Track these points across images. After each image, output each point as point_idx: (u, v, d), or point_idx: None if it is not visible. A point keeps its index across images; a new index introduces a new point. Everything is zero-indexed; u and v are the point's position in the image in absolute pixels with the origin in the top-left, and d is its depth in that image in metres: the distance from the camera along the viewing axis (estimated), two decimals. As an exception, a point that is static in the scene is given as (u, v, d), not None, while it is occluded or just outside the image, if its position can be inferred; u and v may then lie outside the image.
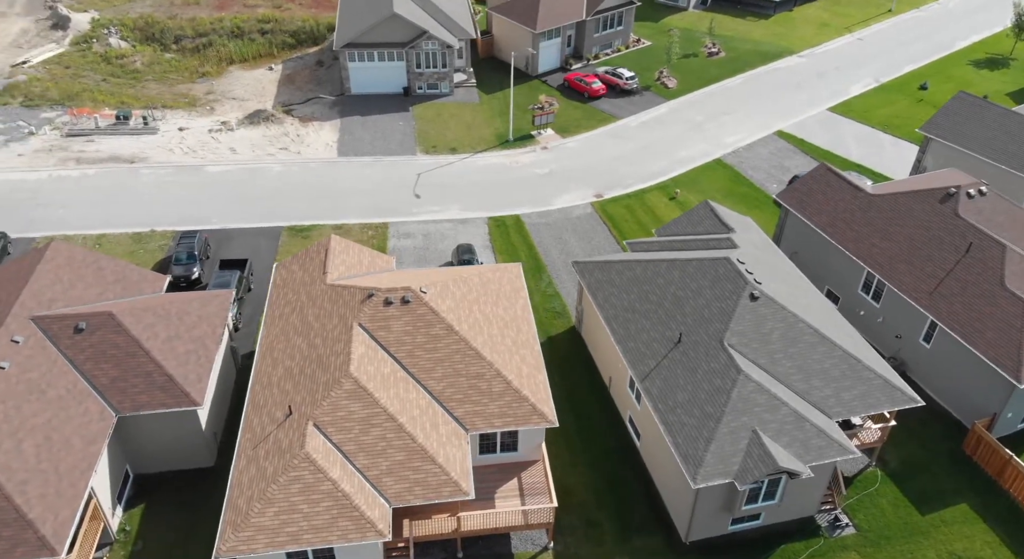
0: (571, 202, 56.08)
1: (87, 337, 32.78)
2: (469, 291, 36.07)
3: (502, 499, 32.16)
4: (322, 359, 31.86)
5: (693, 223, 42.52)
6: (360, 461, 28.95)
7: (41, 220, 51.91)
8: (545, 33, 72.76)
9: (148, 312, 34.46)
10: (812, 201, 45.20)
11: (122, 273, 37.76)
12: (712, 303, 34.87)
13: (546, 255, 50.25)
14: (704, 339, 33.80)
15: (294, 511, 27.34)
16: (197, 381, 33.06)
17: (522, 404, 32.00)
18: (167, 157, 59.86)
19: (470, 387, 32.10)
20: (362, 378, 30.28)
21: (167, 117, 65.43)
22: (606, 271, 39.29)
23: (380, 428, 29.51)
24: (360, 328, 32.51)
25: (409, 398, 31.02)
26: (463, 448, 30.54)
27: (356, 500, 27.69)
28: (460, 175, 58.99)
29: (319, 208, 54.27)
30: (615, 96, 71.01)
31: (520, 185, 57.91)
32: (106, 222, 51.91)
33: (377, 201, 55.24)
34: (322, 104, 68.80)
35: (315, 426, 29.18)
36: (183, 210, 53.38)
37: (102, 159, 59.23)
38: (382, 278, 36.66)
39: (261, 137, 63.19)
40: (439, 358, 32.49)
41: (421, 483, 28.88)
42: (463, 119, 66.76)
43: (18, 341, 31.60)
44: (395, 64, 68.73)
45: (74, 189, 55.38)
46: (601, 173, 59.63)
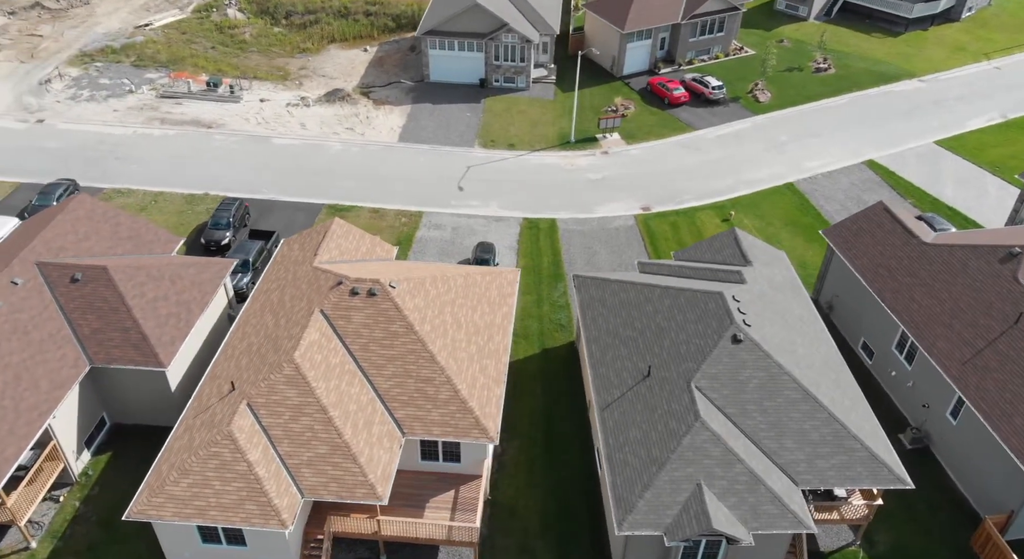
0: (614, 212, 53.68)
1: (81, 287, 34.80)
2: (447, 292, 35.19)
3: (433, 509, 31.23)
4: (278, 340, 32.12)
5: (713, 250, 39.41)
6: (283, 448, 28.94)
7: (114, 172, 55.83)
8: (634, 34, 70.02)
9: (142, 271, 36.11)
10: (860, 242, 40.67)
11: (137, 231, 39.83)
12: (692, 339, 32.11)
13: (569, 264, 48.38)
14: (673, 377, 31.19)
15: (206, 486, 27.75)
16: (170, 343, 34.31)
17: (465, 416, 30.84)
18: (241, 126, 62.72)
19: (416, 390, 31.31)
20: (304, 365, 30.24)
21: (253, 87, 68.56)
22: (601, 289, 37.17)
23: (310, 418, 29.36)
24: (321, 314, 32.48)
25: (350, 392, 30.67)
26: (392, 451, 29.85)
27: (267, 485, 27.73)
28: (510, 172, 57.94)
29: (364, 190, 55.01)
30: (698, 105, 67.29)
31: (567, 188, 56.11)
32: (168, 181, 55.07)
33: (421, 189, 55.29)
34: (401, 89, 69.70)
35: (248, 406, 29.44)
36: (239, 177, 55.73)
37: (184, 122, 62.93)
38: (368, 267, 36.49)
39: (332, 115, 64.88)
40: (392, 356, 31.89)
41: (338, 480, 28.47)
42: (531, 116, 65.53)
43: (17, 283, 34.03)
44: (474, 55, 68.45)
45: (151, 147, 59.15)
46: (656, 185, 56.71)
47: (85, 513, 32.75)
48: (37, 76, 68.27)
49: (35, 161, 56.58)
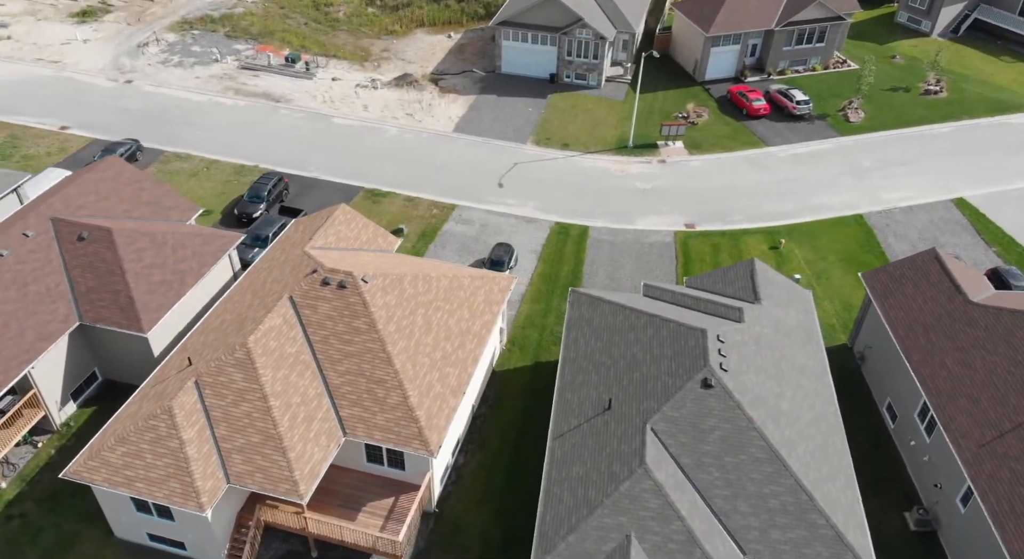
0: (654, 225, 50.68)
1: (85, 246, 36.30)
2: (426, 292, 34.11)
3: (368, 514, 30.41)
4: (244, 321, 32.16)
5: (726, 281, 36.19)
6: (220, 431, 28.93)
7: (179, 136, 58.26)
8: (720, 38, 65.84)
9: (146, 237, 37.23)
10: (900, 291, 36.15)
11: (159, 197, 41.17)
12: (662, 376, 29.49)
13: (590, 276, 46.07)
14: (632, 414, 28.75)
15: (139, 457, 28.16)
16: (155, 310, 35.20)
17: (409, 424, 29.76)
18: (307, 102, 63.93)
19: (367, 391, 30.50)
20: (256, 350, 30.08)
21: (328, 66, 69.76)
22: (592, 309, 34.89)
23: (250, 404, 29.18)
24: (289, 301, 32.23)
25: (299, 384, 30.27)
26: (327, 450, 29.20)
27: (194, 466, 27.81)
28: (556, 172, 55.94)
29: (406, 177, 54.68)
30: (779, 119, 62.51)
31: (610, 195, 53.51)
32: (225, 150, 56.83)
33: (461, 182, 54.34)
34: (471, 78, 68.90)
35: (196, 384, 29.63)
36: (291, 153, 56.75)
37: (255, 94, 64.88)
38: (356, 257, 35.97)
39: (396, 100, 64.98)
40: (349, 352, 31.22)
41: (264, 471, 28.16)
42: (595, 115, 63.04)
43: (29, 235, 35.89)
44: (547, 48, 66.55)
45: (220, 116, 61.30)
46: (708, 200, 53.09)
47: (57, 462, 34.25)
48: (137, 39, 72.43)
49: (115, 119, 59.94)
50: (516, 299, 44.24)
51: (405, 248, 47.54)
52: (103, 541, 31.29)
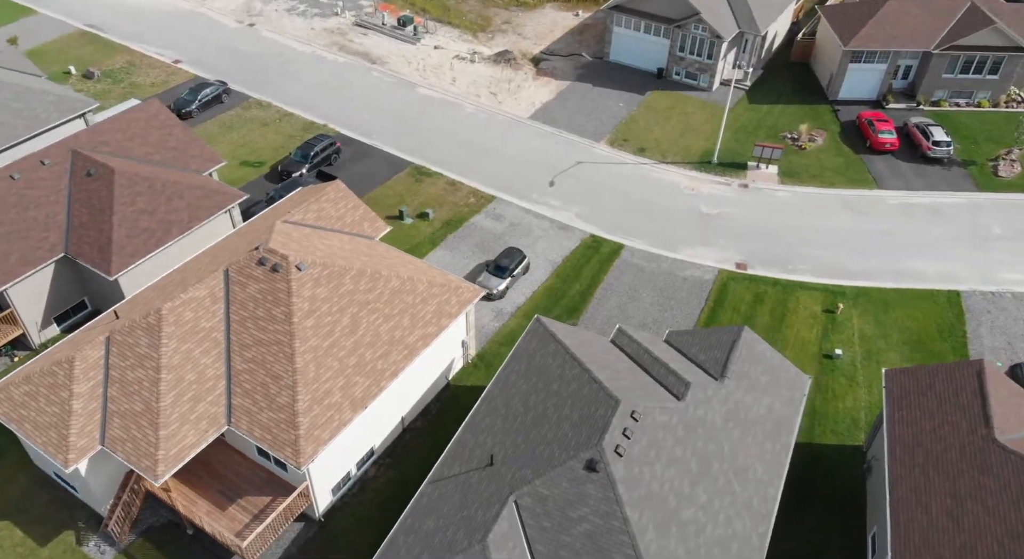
0: (699, 258, 44.85)
1: (91, 182, 37.84)
2: (368, 291, 32.09)
3: (239, 508, 29.50)
4: (183, 284, 31.97)
5: (704, 346, 30.89)
6: (111, 392, 28.98)
7: (270, 85, 59.72)
8: (862, 53, 56.63)
9: (146, 182, 38.14)
10: (919, 403, 28.94)
11: (185, 144, 42.12)
12: (555, 443, 25.59)
13: (597, 302, 41.63)
14: (506, 478, 25.25)
15: (34, 399, 28.93)
16: (129, 255, 36.09)
17: (288, 430, 28.20)
18: (401, 68, 63.14)
19: (262, 384, 29.27)
20: (168, 319, 29.72)
21: (438, 33, 68.42)
22: (543, 344, 31.10)
23: (144, 372, 28.96)
24: (223, 274, 31.57)
25: (200, 361, 29.61)
26: (203, 435, 28.35)
27: (73, 421, 28.15)
28: (618, 179, 51.12)
29: (458, 159, 52.39)
30: (910, 158, 53.01)
31: (666, 214, 48.06)
32: (304, 105, 57.34)
33: (512, 173, 51.21)
34: (575, 63, 64.70)
35: (106, 339, 29.91)
36: (362, 117, 56.28)
37: (356, 52, 65.09)
38: (320, 239, 34.56)
39: (488, 77, 62.48)
40: (260, 340, 30.06)
41: (135, 442, 27.92)
42: (690, 121, 56.86)
43: (45, 163, 38.02)
44: (659, 40, 60.77)
45: (315, 70, 62.05)
46: (776, 240, 46.16)
47: (24, 379, 36.68)
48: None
49: (223, 60, 62.63)
50: (509, 310, 41.06)
51: (424, 234, 45.72)
52: (24, 464, 33.04)
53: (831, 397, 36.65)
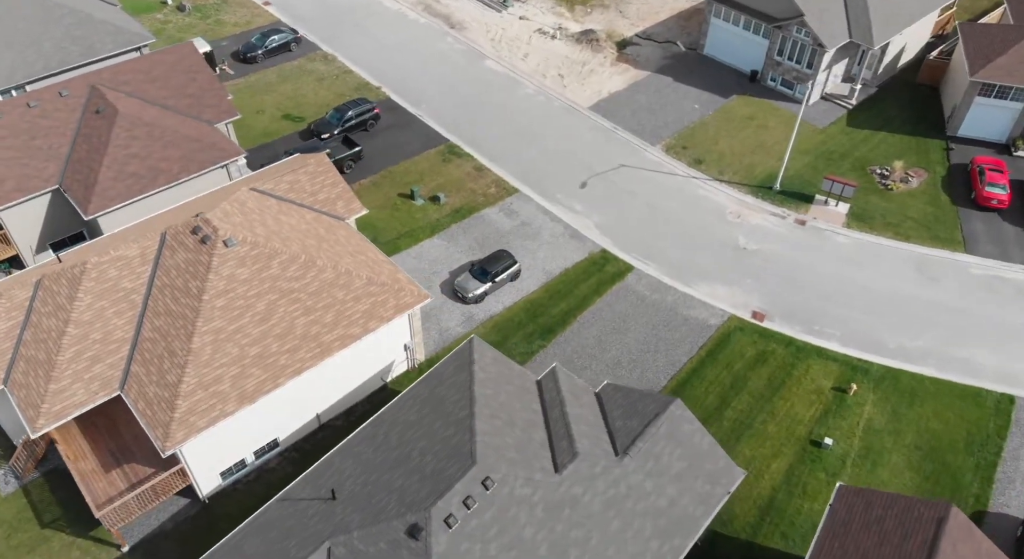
0: (712, 297, 39.63)
1: (97, 119, 38.42)
2: (295, 280, 30.47)
3: (121, 473, 29.35)
4: (124, 240, 31.83)
5: (627, 411, 26.85)
6: (25, 335, 29.10)
7: (341, 39, 58.76)
8: (993, 87, 47.30)
9: (146, 128, 38.14)
10: (862, 534, 23.57)
11: (204, 92, 41.85)
12: (394, 494, 23.10)
13: (580, 327, 37.76)
14: (335, 519, 23.10)
15: None
16: (110, 198, 36.41)
17: (165, 410, 27.44)
18: (476, 36, 60.19)
19: (158, 357, 28.62)
20: (91, 274, 29.57)
21: (530, 2, 64.62)
22: (458, 371, 28.20)
23: (55, 322, 29.02)
24: (160, 236, 31.04)
25: (111, 321, 29.31)
26: (92, 396, 28.13)
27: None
28: (659, 191, 46.09)
29: (497, 144, 49.21)
30: (1020, 221, 44.10)
31: (696, 241, 42.82)
32: (366, 64, 55.88)
33: (545, 167, 47.51)
34: (665, 51, 58.97)
35: (37, 282, 30.25)
36: (416, 84, 54.05)
37: (438, 14, 62.64)
38: (283, 215, 33.23)
39: (562, 57, 58.18)
40: (170, 310, 29.36)
41: (27, 389, 28.16)
42: (766, 137, 50.25)
43: (63, 94, 39.03)
44: (758, 39, 53.86)
45: (391, 28, 60.24)
46: (810, 293, 39.96)
47: (9, 297, 38.60)
48: (388, -67, 73.78)
49: (308, 7, 62.24)
50: (480, 318, 38.24)
51: (428, 218, 43.46)
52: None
53: (799, 493, 31.30)
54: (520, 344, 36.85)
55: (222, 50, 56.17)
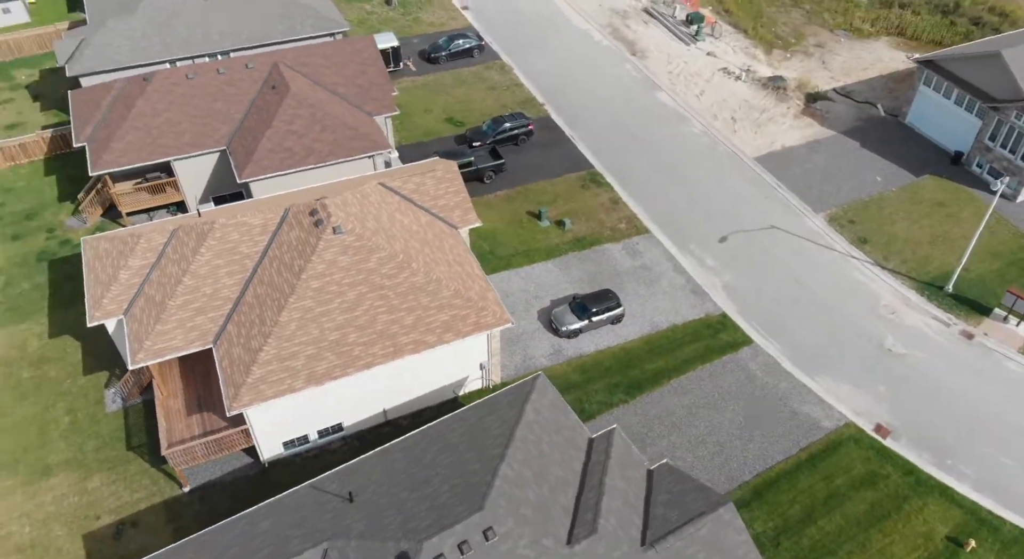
0: (833, 396, 35.84)
1: (272, 93, 41.57)
2: (387, 278, 31.25)
3: (199, 420, 31.71)
4: (254, 209, 34.31)
5: (675, 501, 24.67)
6: (152, 275, 32.21)
7: (522, 52, 59.35)
8: None
9: (310, 109, 40.81)
10: None
11: (372, 85, 44.17)
12: (400, 516, 22.79)
13: (669, 393, 35.46)
14: (341, 520, 23.24)
15: (108, 256, 33.20)
16: (262, 168, 39.27)
17: (241, 373, 29.23)
18: (655, 66, 58.69)
19: (251, 322, 30.51)
20: (215, 233, 32.07)
21: (722, 38, 61.98)
22: (511, 406, 27.38)
23: (177, 269, 31.81)
24: (285, 212, 33.02)
25: (222, 280, 31.59)
26: (188, 345, 30.53)
27: (113, 288, 31.96)
28: (805, 264, 42.43)
29: (642, 179, 47.90)
30: None
31: (835, 329, 39.00)
32: (537, 79, 56.48)
33: (686, 211, 45.53)
34: (859, 111, 54.33)
35: (174, 231, 33.31)
36: (580, 106, 53.84)
37: (623, 39, 61.80)
38: (399, 214, 34.22)
39: (741, 101, 55.22)
40: (272, 282, 31.19)
41: (139, 323, 31.04)
42: (952, 228, 44.79)
43: (249, 67, 42.80)
44: (969, 118, 47.97)
45: (573, 48, 60.25)
46: (955, 421, 35.07)
47: (168, 238, 42.93)
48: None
49: (502, 15, 63.75)
50: (568, 354, 37.07)
51: (548, 241, 42.97)
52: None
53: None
54: (600, 392, 35.37)
55: (412, 47, 59.20)
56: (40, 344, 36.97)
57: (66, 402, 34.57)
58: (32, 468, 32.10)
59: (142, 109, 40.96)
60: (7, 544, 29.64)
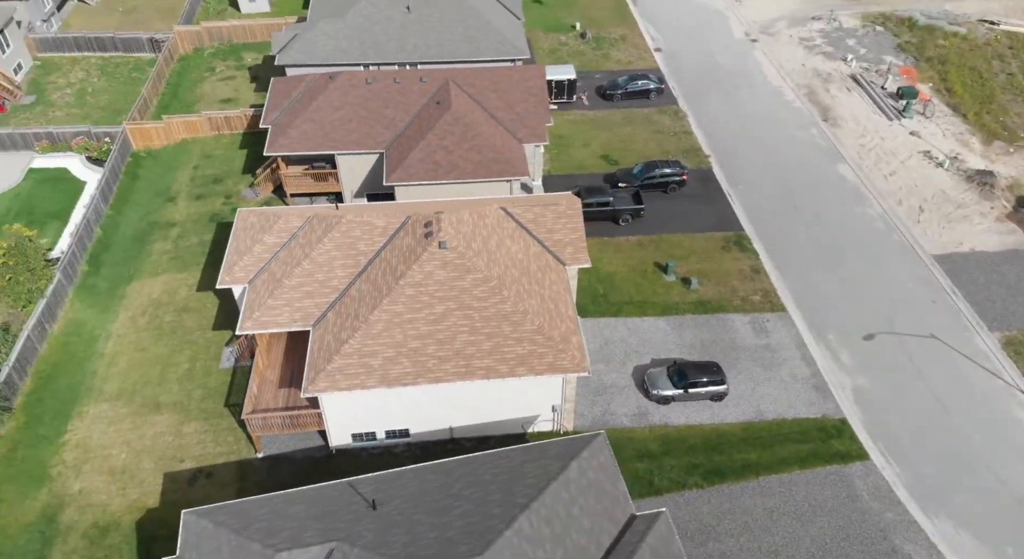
0: (947, 541, 31.40)
1: (435, 108, 43.94)
2: (477, 299, 31.85)
3: (285, 394, 34.07)
4: (382, 211, 36.33)
5: None
6: (281, 254, 35.29)
7: (700, 98, 57.82)
8: None
9: (464, 127, 42.64)
10: None
11: (530, 114, 45.22)
12: (408, 535, 22.99)
13: (751, 491, 32.66)
14: (356, 524, 23.78)
15: (251, 229, 36.94)
16: (407, 174, 41.57)
17: (324, 359, 31.04)
18: (845, 137, 54.49)
19: (347, 315, 32.38)
20: (341, 227, 34.55)
21: (934, 118, 56.19)
22: (560, 458, 26.63)
23: (301, 252, 34.54)
24: (405, 219, 34.61)
25: (335, 271, 33.88)
26: (290, 323, 33.04)
27: (246, 257, 35.53)
28: (956, 385, 37.52)
29: (795, 251, 44.84)
30: None
31: (972, 466, 34.19)
32: (709, 130, 54.70)
33: (834, 298, 42.07)
34: (1076, 224, 46.79)
35: (309, 218, 36.10)
36: (749, 165, 51.53)
37: (817, 103, 58.10)
38: (510, 241, 34.65)
39: (936, 190, 49.75)
40: (376, 281, 32.91)
41: (257, 295, 34.06)
42: None
43: (422, 80, 45.45)
44: None
45: (755, 100, 57.71)
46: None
47: (318, 223, 46.63)
48: (814, 10, 70.08)
49: (693, 61, 62.42)
50: (652, 421, 35.31)
51: (667, 298, 41.42)
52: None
53: None
54: (676, 470, 33.34)
55: (592, 82, 59.70)
56: (187, 294, 41.70)
57: (191, 351, 38.70)
58: (145, 402, 36.26)
59: (321, 104, 45.05)
60: (104, 464, 33.69)
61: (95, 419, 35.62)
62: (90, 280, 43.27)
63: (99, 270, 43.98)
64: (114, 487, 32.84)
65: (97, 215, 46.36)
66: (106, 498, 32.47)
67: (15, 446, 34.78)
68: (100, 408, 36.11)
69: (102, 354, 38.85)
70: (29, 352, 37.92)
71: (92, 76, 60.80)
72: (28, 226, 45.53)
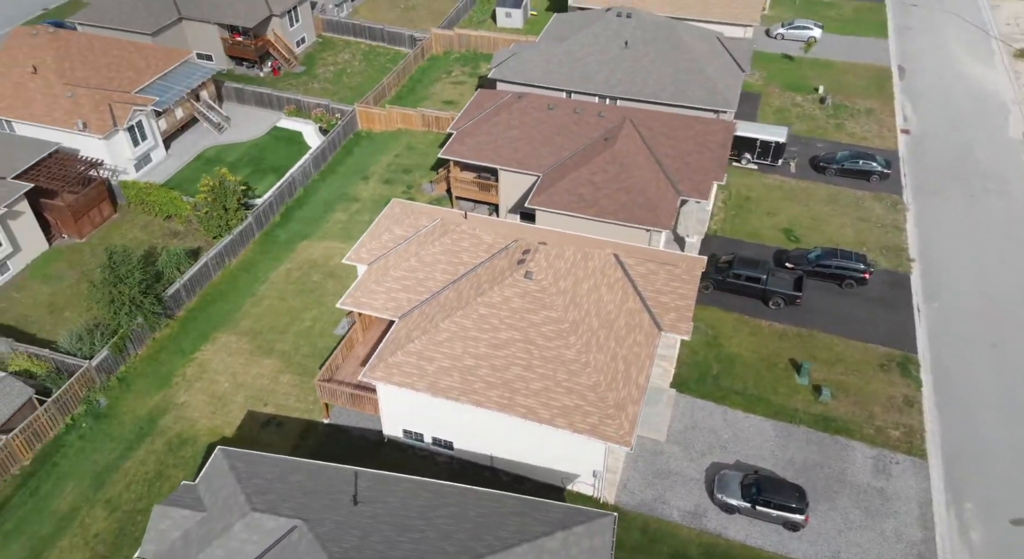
0: None
1: (601, 144, 43.63)
2: (541, 336, 31.35)
3: (359, 369, 35.83)
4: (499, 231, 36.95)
5: None
6: (400, 247, 37.56)
7: (938, 193, 50.65)
8: None
9: (619, 168, 41.83)
10: None
11: (696, 168, 43.24)
12: (374, 536, 23.25)
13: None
14: (330, 514, 24.72)
15: (387, 217, 39.86)
16: (549, 202, 41.80)
17: (391, 351, 32.48)
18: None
19: (424, 315, 33.52)
20: (453, 236, 36.03)
21: None
22: (560, 526, 25.18)
23: (413, 249, 36.41)
24: (511, 243, 34.91)
25: (433, 273, 35.45)
26: (381, 309, 35.03)
27: (367, 239, 38.28)
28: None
29: (966, 390, 37.74)
30: None
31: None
32: (930, 231, 47.77)
33: (993, 457, 34.66)
34: None
35: (436, 221, 37.85)
36: (958, 278, 44.24)
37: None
38: (607, 287, 33.41)
39: None
40: (460, 292, 33.74)
41: (368, 278, 36.54)
42: None
43: (601, 115, 45.26)
44: None
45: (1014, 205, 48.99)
46: None
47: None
48: None
49: (940, 153, 54.83)
50: (711, 526, 31.86)
51: (786, 402, 36.98)
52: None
53: None
54: None
55: (811, 150, 54.87)
56: (337, 262, 45.99)
57: (318, 311, 42.80)
58: (263, 345, 40.87)
59: (501, 120, 47.01)
60: (209, 387, 38.62)
61: (222, 346, 40.98)
62: (276, 230, 49.60)
63: (287, 224, 50.22)
64: (208, 408, 37.61)
65: (304, 177, 52.96)
66: (198, 415, 37.32)
67: (161, 349, 41.22)
68: (229, 338, 41.46)
69: (253, 294, 44.48)
70: (203, 276, 44.58)
71: (355, 59, 69.29)
72: (252, 174, 53.43)
